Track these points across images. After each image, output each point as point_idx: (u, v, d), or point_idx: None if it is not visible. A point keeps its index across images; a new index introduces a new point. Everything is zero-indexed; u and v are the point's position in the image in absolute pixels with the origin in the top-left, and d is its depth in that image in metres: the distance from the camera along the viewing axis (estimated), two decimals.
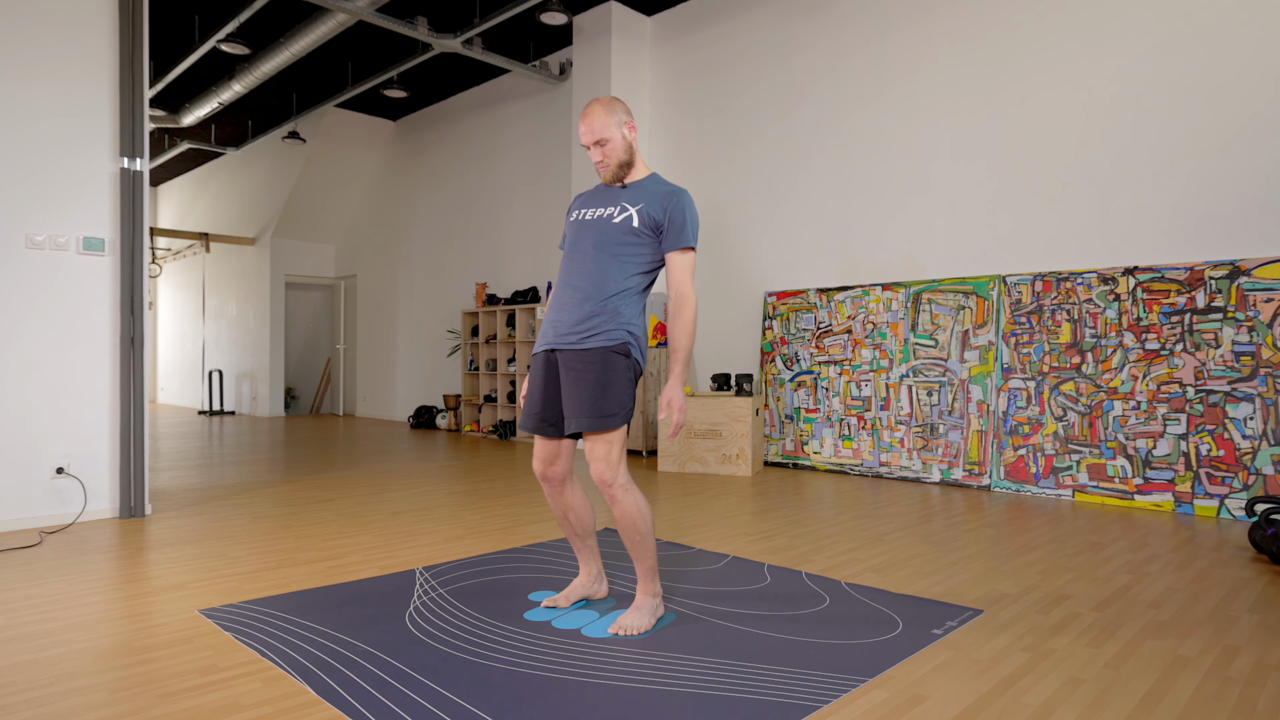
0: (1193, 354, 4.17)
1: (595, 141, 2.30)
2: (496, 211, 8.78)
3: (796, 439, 5.79)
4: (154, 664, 2.04)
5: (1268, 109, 4.09)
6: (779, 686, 1.89)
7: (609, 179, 2.36)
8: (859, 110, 5.72)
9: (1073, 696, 1.84)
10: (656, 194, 2.31)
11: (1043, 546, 3.34)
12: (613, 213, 2.32)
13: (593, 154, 2.33)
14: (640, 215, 2.29)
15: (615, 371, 2.22)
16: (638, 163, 2.39)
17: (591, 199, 2.41)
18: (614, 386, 2.21)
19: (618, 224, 2.29)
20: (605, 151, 2.31)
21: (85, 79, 3.88)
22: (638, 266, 2.30)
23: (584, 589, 2.55)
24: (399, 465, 5.91)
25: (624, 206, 2.31)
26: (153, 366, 14.60)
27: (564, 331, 2.28)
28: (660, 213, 2.29)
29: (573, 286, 2.30)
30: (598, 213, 2.35)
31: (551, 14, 6.18)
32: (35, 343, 3.74)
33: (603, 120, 2.29)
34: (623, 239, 2.28)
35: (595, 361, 2.22)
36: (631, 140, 2.34)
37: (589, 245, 2.31)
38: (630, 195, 2.33)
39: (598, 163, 2.34)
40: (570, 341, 2.26)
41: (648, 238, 2.30)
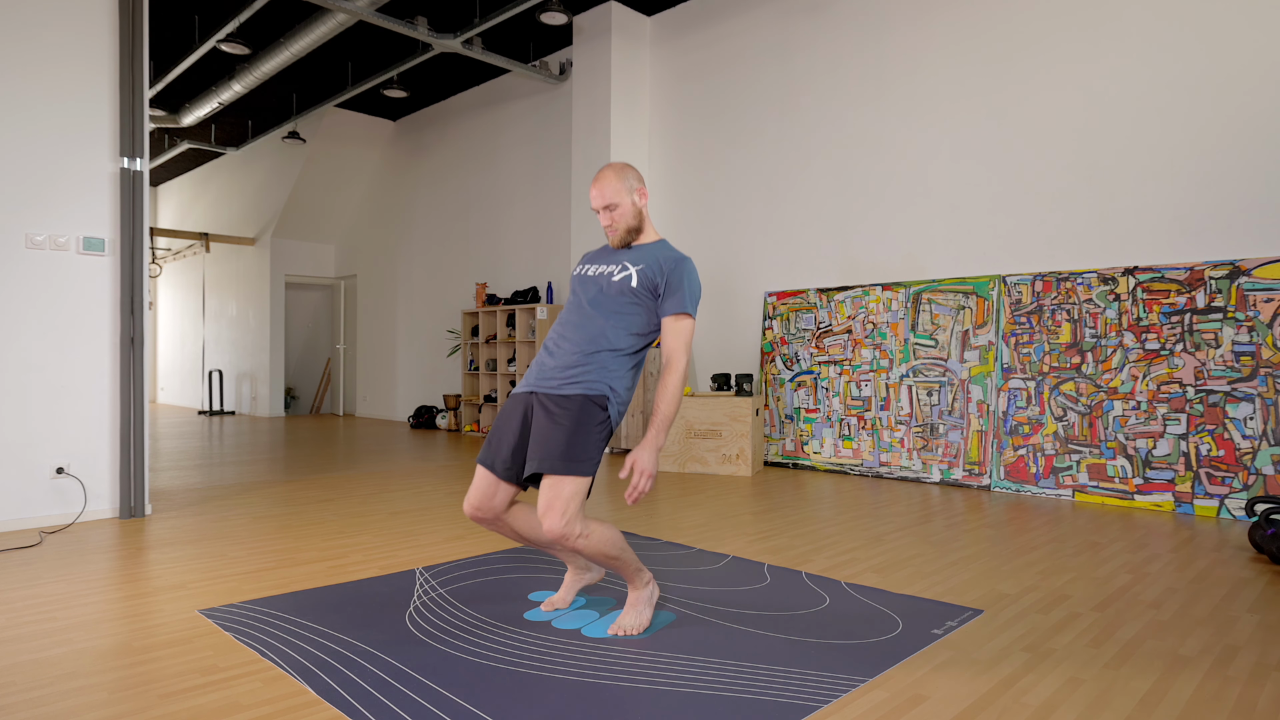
0: (1193, 354, 4.17)
1: (605, 206, 2.31)
2: (496, 211, 8.78)
3: (796, 439, 5.79)
4: (154, 664, 2.04)
5: (1268, 109, 4.09)
6: (779, 686, 1.89)
7: (616, 243, 2.36)
8: (859, 110, 5.72)
9: (1073, 696, 1.84)
10: (659, 258, 2.31)
11: (1043, 546, 3.34)
12: (613, 270, 2.32)
13: (601, 218, 2.34)
14: (640, 275, 2.28)
15: (590, 421, 2.16)
16: (647, 229, 2.40)
17: (596, 257, 2.43)
18: (587, 435, 2.14)
19: (616, 282, 2.29)
20: (614, 216, 2.32)
21: (85, 79, 3.88)
22: (631, 327, 2.28)
23: (577, 582, 2.54)
24: (399, 465, 5.91)
25: (625, 265, 2.32)
26: (153, 366, 14.60)
27: (546, 376, 2.26)
28: (659, 276, 2.28)
29: (564, 338, 2.29)
30: (599, 269, 2.36)
31: (551, 14, 6.18)
32: (35, 343, 3.74)
33: (614, 185, 2.30)
34: (619, 298, 2.28)
35: (572, 407, 2.17)
36: (641, 206, 2.35)
37: (586, 301, 2.32)
38: (633, 255, 2.34)
39: (606, 226, 2.34)
40: (551, 386, 2.23)
41: (645, 299, 2.29)
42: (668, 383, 2.18)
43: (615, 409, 2.24)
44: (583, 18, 7.06)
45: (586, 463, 2.13)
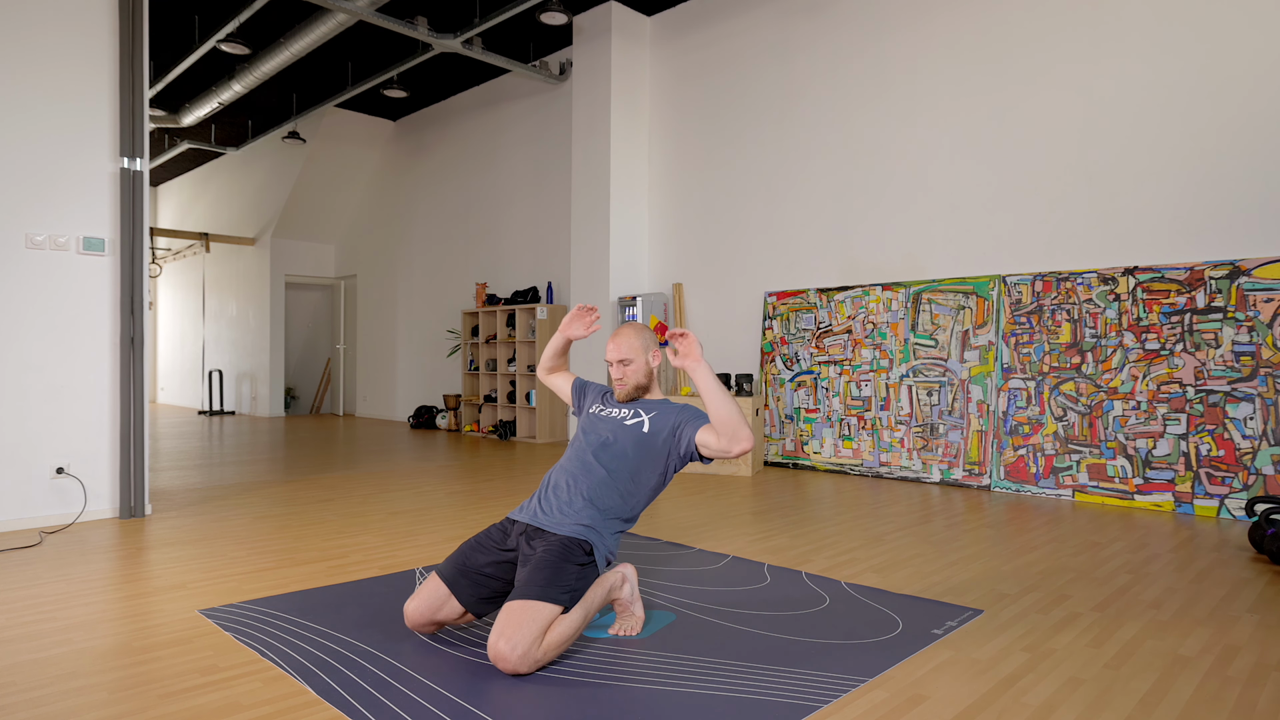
0: (1193, 354, 4.17)
1: (620, 359, 2.41)
2: (496, 211, 8.78)
3: (796, 439, 5.79)
4: (154, 664, 2.04)
5: (1268, 109, 4.09)
6: (779, 686, 1.89)
7: (622, 398, 2.45)
8: (859, 110, 5.73)
9: (1073, 696, 1.84)
10: (670, 408, 2.39)
11: (1043, 546, 3.34)
12: (626, 415, 2.40)
13: (614, 370, 2.43)
14: (652, 422, 2.35)
15: (572, 560, 2.10)
16: (654, 389, 2.50)
17: (608, 401, 2.51)
18: (567, 569, 2.06)
19: (630, 428, 2.35)
20: (627, 371, 2.41)
21: (85, 79, 3.88)
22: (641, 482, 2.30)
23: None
24: (399, 465, 5.91)
25: (638, 412, 2.39)
26: (153, 366, 14.60)
27: (541, 514, 2.25)
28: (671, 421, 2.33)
29: (568, 485, 2.28)
30: (613, 413, 2.43)
31: (551, 14, 6.19)
32: (35, 343, 3.74)
33: (632, 343, 2.41)
34: (632, 448, 2.30)
35: (556, 544, 2.13)
36: (653, 367, 2.45)
37: (592, 449, 2.33)
38: (645, 405, 2.42)
39: (616, 379, 2.44)
40: (540, 522, 2.21)
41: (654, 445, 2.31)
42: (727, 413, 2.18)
43: (601, 557, 2.21)
44: (583, 18, 7.06)
45: (561, 593, 2.00)
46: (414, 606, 2.14)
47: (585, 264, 7.05)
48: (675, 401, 2.43)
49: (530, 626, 1.91)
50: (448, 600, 2.14)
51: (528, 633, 1.90)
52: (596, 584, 2.18)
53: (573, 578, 2.06)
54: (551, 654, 1.97)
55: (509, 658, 1.88)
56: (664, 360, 6.49)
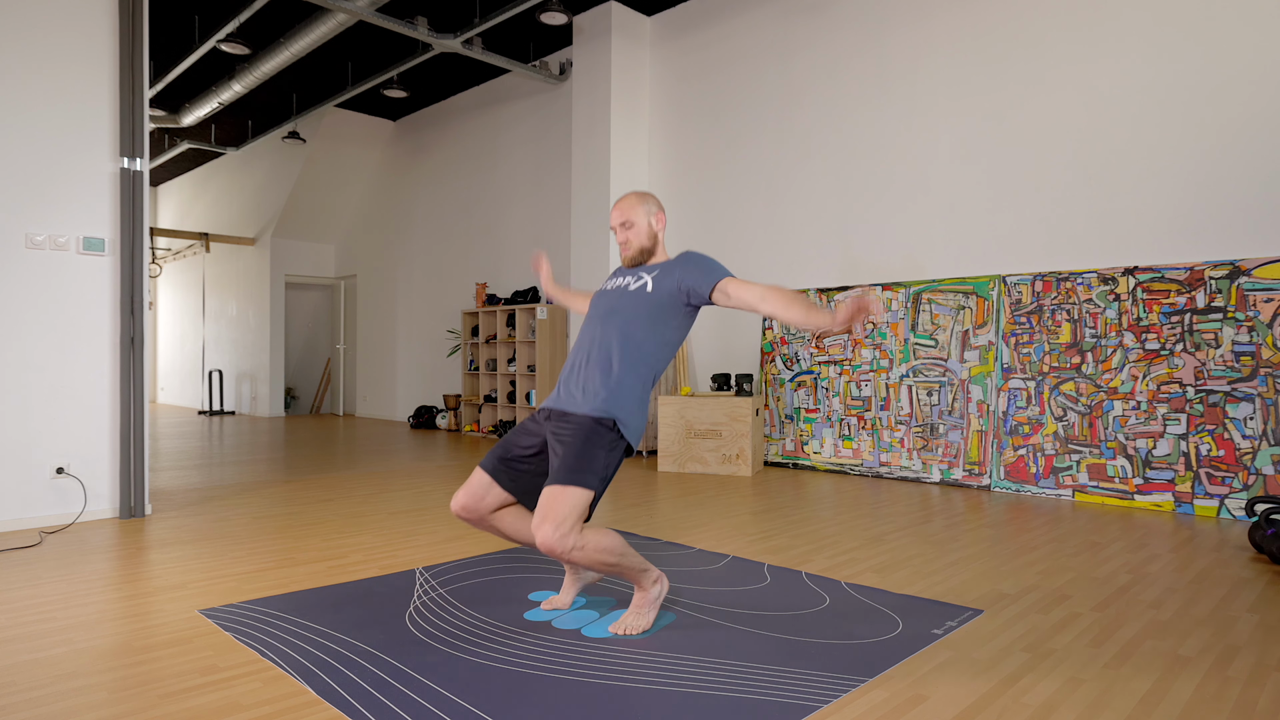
0: (1193, 354, 4.17)
1: (622, 223, 2.43)
2: (496, 211, 8.78)
3: (796, 439, 5.79)
4: (154, 664, 2.04)
5: (1267, 109, 4.09)
6: (779, 686, 1.89)
7: (628, 262, 2.46)
8: (859, 110, 5.72)
9: (1073, 696, 1.84)
10: (670, 264, 2.39)
11: (1043, 546, 3.34)
12: (629, 282, 2.42)
13: (618, 234, 2.45)
14: (655, 282, 2.36)
15: (598, 440, 2.19)
16: (659, 252, 2.49)
17: (615, 275, 2.53)
18: (593, 452, 2.17)
19: (633, 291, 2.37)
20: (630, 234, 2.43)
21: (85, 79, 3.88)
22: (653, 339, 2.33)
23: (577, 582, 2.55)
24: (399, 465, 5.91)
25: (640, 275, 2.42)
26: (153, 366, 14.60)
27: (564, 396, 2.33)
28: (674, 276, 2.34)
29: (584, 360, 2.35)
30: (617, 284, 2.46)
31: (551, 14, 6.19)
32: (35, 343, 3.74)
33: (633, 205, 2.44)
34: (637, 308, 2.34)
35: (583, 425, 2.22)
36: (657, 230, 2.46)
37: (600, 315, 2.39)
38: (649, 268, 2.44)
39: (621, 243, 2.46)
40: (564, 405, 2.30)
41: (664, 302, 2.33)
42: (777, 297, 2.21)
43: (630, 430, 2.27)
44: (583, 18, 7.06)
45: (590, 475, 2.13)
46: (459, 498, 2.31)
47: (585, 264, 7.05)
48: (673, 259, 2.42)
49: (564, 510, 2.07)
50: (490, 489, 2.30)
51: (563, 516, 2.06)
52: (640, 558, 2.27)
53: (601, 460, 2.17)
54: (592, 554, 2.10)
55: (548, 540, 2.04)
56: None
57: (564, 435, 2.21)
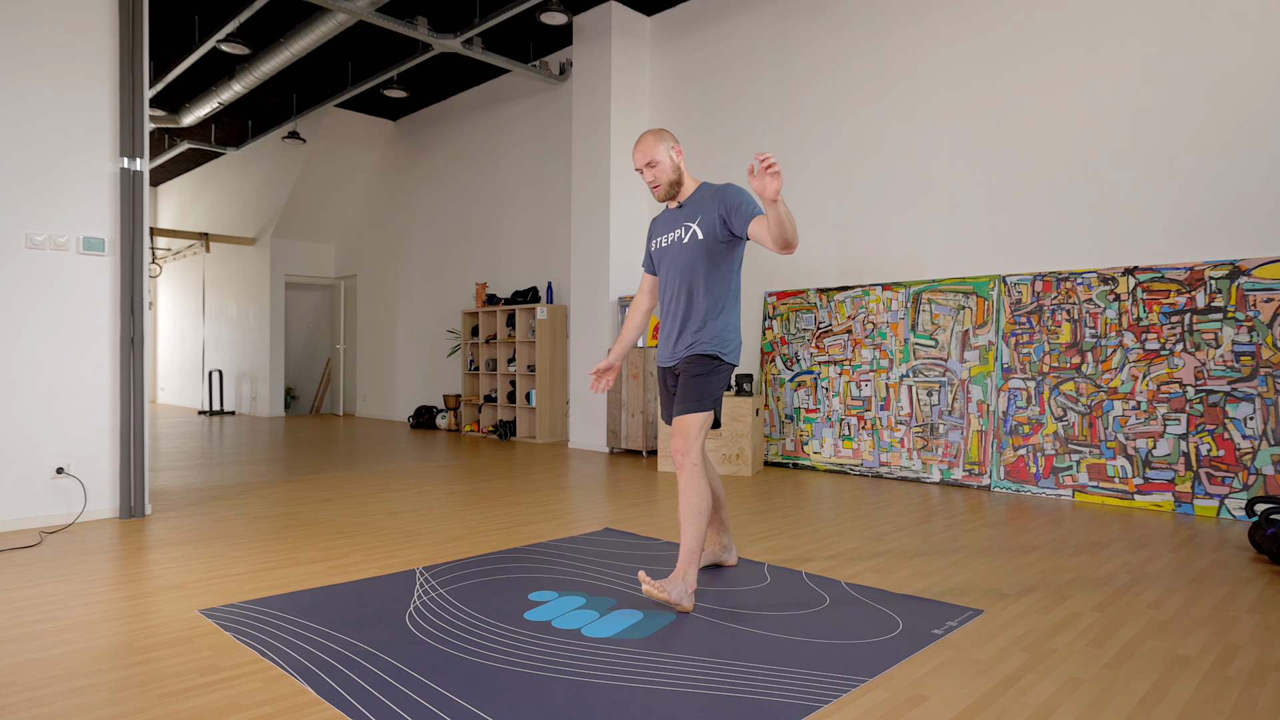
0: (1193, 354, 4.17)
1: (646, 164, 2.62)
2: (496, 211, 8.78)
3: (796, 439, 5.79)
4: (154, 664, 2.04)
5: (1267, 109, 4.09)
6: (779, 686, 1.89)
7: (662, 197, 2.67)
8: (859, 110, 5.72)
9: (1073, 696, 1.84)
10: (708, 201, 2.61)
11: (1043, 546, 3.34)
12: (680, 235, 2.65)
13: (645, 176, 2.64)
14: (703, 228, 2.60)
15: (707, 371, 2.60)
16: (686, 180, 2.69)
17: (662, 224, 2.76)
18: (705, 382, 2.59)
19: (688, 245, 2.62)
20: (655, 173, 2.63)
21: (85, 79, 3.88)
22: (718, 277, 2.62)
23: (712, 555, 2.97)
24: (399, 465, 5.91)
25: (687, 226, 2.64)
26: (153, 366, 14.60)
27: (668, 353, 2.71)
28: (715, 214, 2.57)
29: (671, 314, 2.69)
30: (670, 238, 2.69)
31: (551, 14, 6.18)
32: (35, 343, 3.74)
33: (652, 144, 2.62)
34: (695, 258, 2.61)
35: (693, 363, 2.62)
36: (679, 162, 2.66)
37: (673, 275, 2.66)
38: (688, 213, 2.66)
39: (650, 184, 2.65)
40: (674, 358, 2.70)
41: (717, 241, 2.59)
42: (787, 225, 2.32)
43: (730, 354, 2.63)
44: (583, 18, 7.06)
45: (705, 400, 2.57)
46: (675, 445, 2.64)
47: (585, 264, 7.05)
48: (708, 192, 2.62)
49: (690, 428, 2.56)
50: None
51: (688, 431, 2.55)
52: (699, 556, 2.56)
53: (713, 386, 2.60)
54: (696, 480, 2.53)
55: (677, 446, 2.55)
56: None
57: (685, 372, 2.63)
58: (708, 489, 2.55)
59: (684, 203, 2.68)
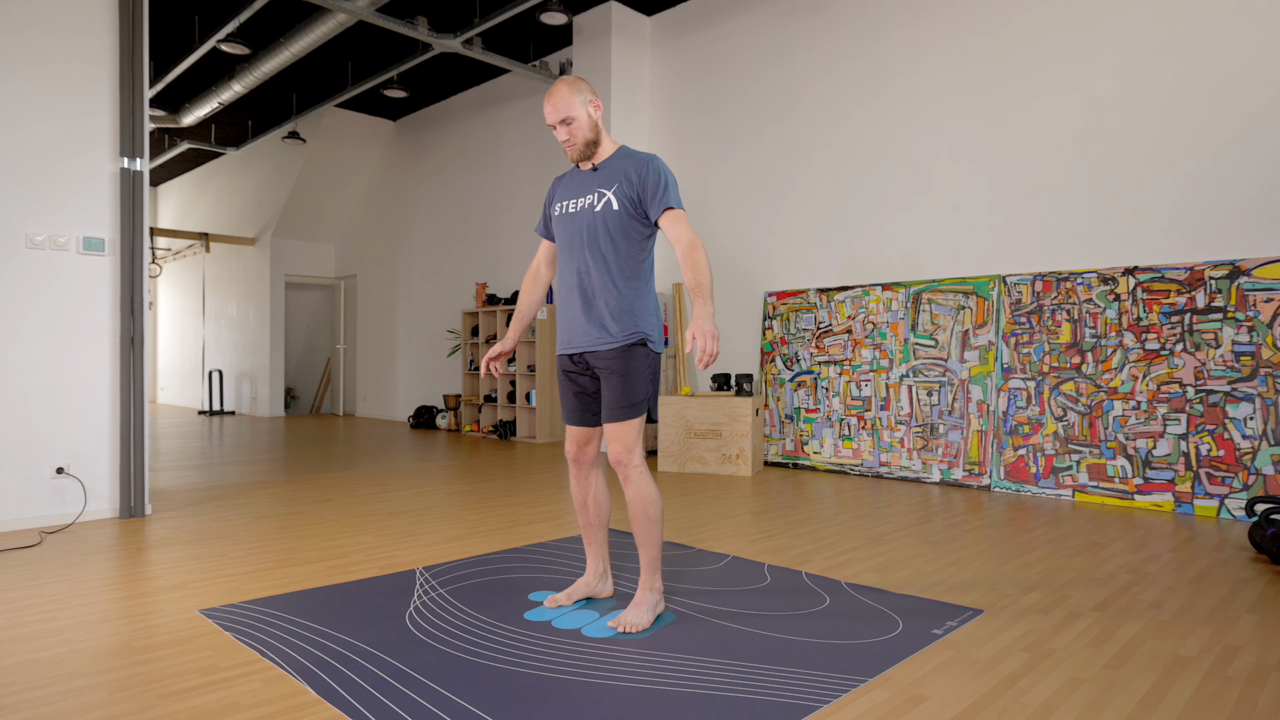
0: (1193, 354, 4.17)
1: (561, 120, 2.33)
2: (496, 211, 8.78)
3: (796, 439, 5.79)
4: (154, 664, 2.04)
5: (1268, 109, 4.09)
6: (779, 686, 1.89)
7: (576, 157, 2.39)
8: (859, 110, 5.72)
9: (1073, 696, 1.84)
10: (626, 168, 2.35)
11: (1043, 546, 3.34)
12: (592, 201, 2.36)
13: (559, 133, 2.36)
14: (617, 196, 2.33)
15: (635, 363, 2.33)
16: (604, 140, 2.41)
17: (569, 188, 2.46)
18: (635, 378, 2.32)
19: (599, 213, 2.34)
20: (571, 130, 2.34)
21: (85, 79, 3.88)
22: (631, 250, 2.36)
23: (588, 588, 2.57)
24: (399, 465, 5.91)
25: (600, 192, 2.36)
26: (153, 366, 14.60)
27: (579, 335, 2.37)
28: (635, 187, 2.33)
29: (578, 289, 2.37)
30: (579, 203, 2.39)
31: (551, 14, 6.18)
32: (35, 343, 3.74)
33: (567, 99, 2.32)
34: (608, 228, 2.33)
35: (616, 359, 2.33)
36: (597, 118, 2.38)
37: (580, 244, 2.36)
38: (603, 178, 2.37)
39: (564, 141, 2.36)
40: (590, 344, 2.35)
41: (630, 216, 2.34)
42: (697, 258, 2.24)
43: (654, 337, 2.39)
44: (583, 18, 7.05)
45: (638, 404, 2.34)
46: (570, 449, 2.50)
47: None
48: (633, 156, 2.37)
49: (627, 439, 2.33)
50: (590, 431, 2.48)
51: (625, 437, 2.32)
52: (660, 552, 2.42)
53: (644, 381, 2.35)
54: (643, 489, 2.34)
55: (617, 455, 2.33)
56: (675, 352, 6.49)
57: (608, 369, 2.34)
58: (657, 491, 2.37)
59: (599, 165, 2.39)
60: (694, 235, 2.29)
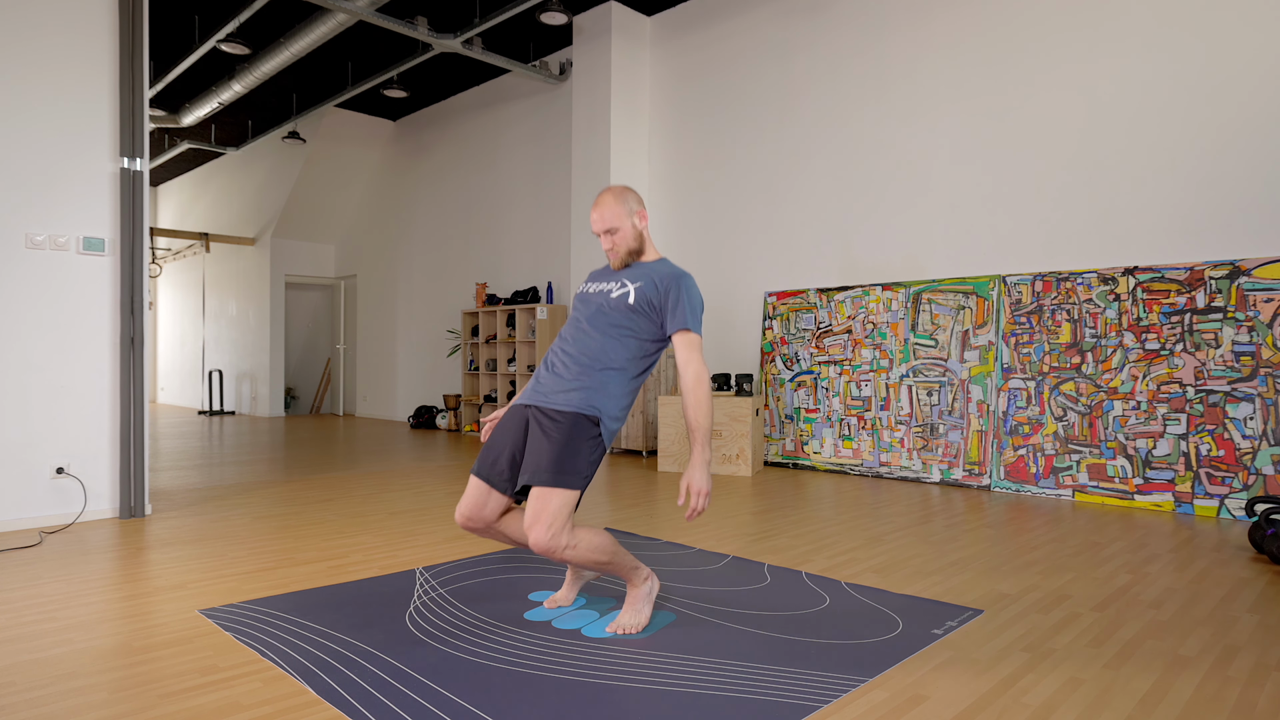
0: (1193, 354, 4.17)
1: (606, 230, 2.33)
2: (496, 211, 8.78)
3: (796, 439, 5.79)
4: (154, 664, 2.04)
5: (1268, 109, 4.09)
6: (779, 686, 1.89)
7: (617, 265, 2.39)
8: (859, 110, 5.72)
9: (1073, 696, 1.84)
10: (656, 275, 2.32)
11: (1043, 546, 3.34)
12: (612, 288, 2.35)
13: (603, 241, 2.36)
14: (638, 292, 2.30)
15: (581, 436, 2.18)
16: (648, 250, 2.41)
17: (598, 276, 2.46)
18: (577, 450, 2.16)
19: (614, 299, 2.31)
20: (615, 240, 2.34)
21: (85, 79, 3.88)
22: (631, 347, 2.30)
23: (579, 580, 2.56)
24: (399, 465, 5.91)
25: (624, 283, 2.34)
26: (153, 366, 14.60)
27: (544, 392, 2.28)
28: (657, 294, 2.30)
29: (565, 354, 2.31)
30: (599, 288, 2.39)
31: (551, 14, 6.18)
32: (35, 343, 3.74)
33: (614, 210, 2.32)
34: (617, 315, 2.29)
35: (565, 421, 2.19)
36: (642, 229, 2.37)
37: (585, 319, 2.34)
38: (632, 273, 2.36)
39: (607, 250, 2.37)
40: (547, 401, 2.25)
41: (643, 315, 2.30)
42: (699, 395, 2.18)
43: (607, 428, 2.25)
44: (583, 18, 7.06)
45: (575, 476, 2.13)
46: (462, 509, 2.26)
47: (585, 264, 7.05)
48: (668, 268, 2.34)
49: (554, 510, 2.09)
50: (489, 495, 2.25)
51: (553, 516, 2.08)
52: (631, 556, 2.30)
53: (585, 457, 2.17)
54: (585, 553, 2.13)
55: (541, 540, 2.07)
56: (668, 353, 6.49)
57: (549, 430, 2.18)
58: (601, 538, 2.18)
59: (634, 265, 2.38)
60: (703, 368, 2.22)
